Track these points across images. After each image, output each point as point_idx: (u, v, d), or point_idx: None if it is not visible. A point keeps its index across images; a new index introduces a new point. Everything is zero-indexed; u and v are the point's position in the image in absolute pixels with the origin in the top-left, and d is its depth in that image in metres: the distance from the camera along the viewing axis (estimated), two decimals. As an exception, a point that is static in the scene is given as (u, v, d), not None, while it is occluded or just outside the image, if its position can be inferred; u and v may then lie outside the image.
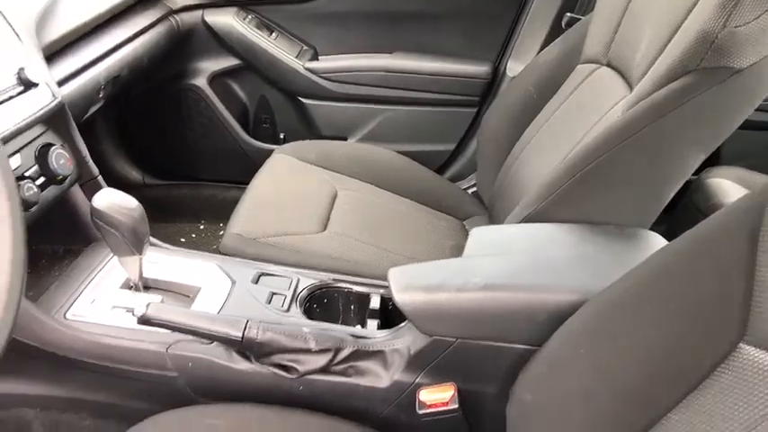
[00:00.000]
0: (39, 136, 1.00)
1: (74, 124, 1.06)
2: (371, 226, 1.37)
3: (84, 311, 0.95)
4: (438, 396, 0.84)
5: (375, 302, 1.09)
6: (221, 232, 1.95)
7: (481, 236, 0.97)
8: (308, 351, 0.89)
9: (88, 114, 1.34)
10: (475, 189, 1.74)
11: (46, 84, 0.99)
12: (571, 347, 0.71)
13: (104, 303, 0.97)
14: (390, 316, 1.08)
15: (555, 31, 1.61)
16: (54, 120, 1.03)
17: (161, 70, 1.74)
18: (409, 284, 0.87)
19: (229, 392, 0.91)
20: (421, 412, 0.84)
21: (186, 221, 1.98)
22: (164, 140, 1.93)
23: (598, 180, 0.96)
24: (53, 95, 1.00)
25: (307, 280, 1.10)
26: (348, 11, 1.80)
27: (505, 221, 1.10)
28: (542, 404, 0.72)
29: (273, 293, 1.04)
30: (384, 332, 0.96)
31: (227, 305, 1.00)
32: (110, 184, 1.02)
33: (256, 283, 1.06)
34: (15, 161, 0.94)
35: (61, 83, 1.13)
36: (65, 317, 0.94)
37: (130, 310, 0.95)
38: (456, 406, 0.84)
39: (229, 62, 1.83)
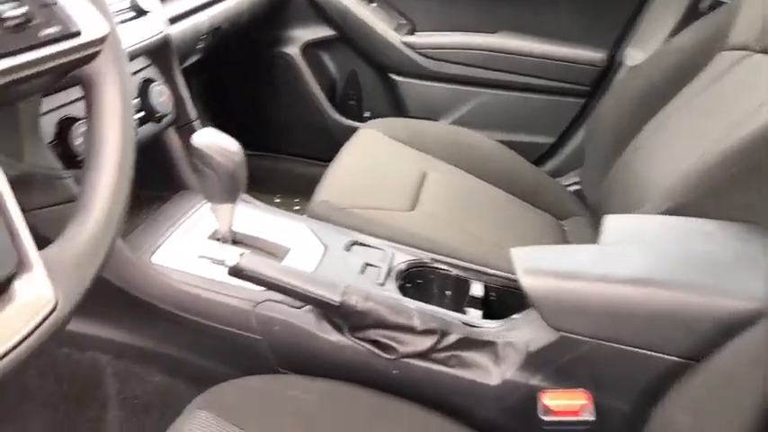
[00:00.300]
0: (142, 69, 0.94)
1: (177, 63, 1.00)
2: (462, 211, 1.27)
3: (169, 258, 0.89)
4: (566, 403, 0.72)
5: (477, 290, 0.98)
6: (296, 207, 1.90)
7: (619, 224, 0.84)
8: (410, 330, 0.79)
9: (184, 65, 1.29)
10: (576, 187, 1.60)
11: (156, 15, 0.93)
12: (751, 368, 0.58)
13: (191, 252, 0.90)
14: (492, 308, 0.97)
15: (690, 15, 1.46)
16: (159, 54, 0.97)
17: (257, 33, 1.69)
18: (538, 267, 0.75)
19: (315, 365, 0.82)
20: (546, 419, 0.72)
21: (262, 192, 1.91)
22: (248, 108, 1.88)
23: (759, 177, 0.83)
24: (161, 28, 0.94)
25: (403, 255, 1.00)
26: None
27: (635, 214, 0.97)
28: (704, 430, 0.60)
29: (367, 264, 0.94)
30: (495, 322, 0.85)
31: (318, 269, 0.91)
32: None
33: (348, 250, 0.97)
34: (117, 90, 0.88)
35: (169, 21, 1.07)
36: (150, 260, 0.87)
37: (218, 262, 0.87)
38: (591, 418, 0.71)
39: (324, 32, 1.76)
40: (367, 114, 1.85)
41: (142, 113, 0.92)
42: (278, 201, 1.91)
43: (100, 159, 0.51)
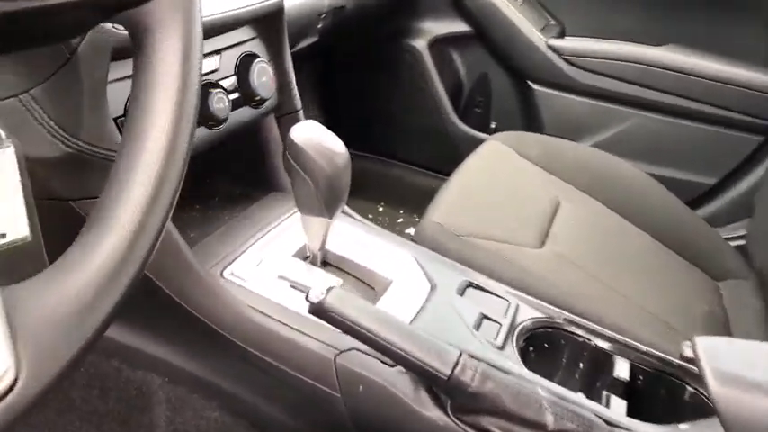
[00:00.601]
0: (245, 41, 0.79)
1: (287, 40, 0.84)
2: (601, 256, 1.05)
3: (244, 273, 0.72)
4: None
5: (622, 370, 0.74)
6: (400, 220, 1.71)
7: None
8: (539, 427, 0.57)
9: (297, 47, 1.14)
10: (739, 242, 1.29)
11: None
12: None
13: (271, 270, 0.73)
14: (638, 397, 0.73)
15: None
16: (268, 26, 0.81)
17: (382, 20, 1.52)
18: (735, 374, 0.51)
19: (402, 443, 0.62)
20: None
21: (364, 199, 1.75)
22: (361, 103, 1.72)
23: None
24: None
25: (529, 309, 0.77)
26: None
27: None
28: None
29: (484, 317, 0.73)
30: (653, 428, 0.61)
31: (422, 315, 0.71)
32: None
33: (462, 294, 0.76)
34: (212, 63, 0.73)
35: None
36: (221, 274, 0.71)
37: (301, 288, 0.70)
38: None
39: (457, 27, 1.56)
40: (494, 125, 1.63)
41: (237, 94, 0.77)
42: (381, 210, 1.73)
43: (132, 159, 0.34)
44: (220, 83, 0.74)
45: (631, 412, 0.67)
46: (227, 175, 0.91)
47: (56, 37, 0.45)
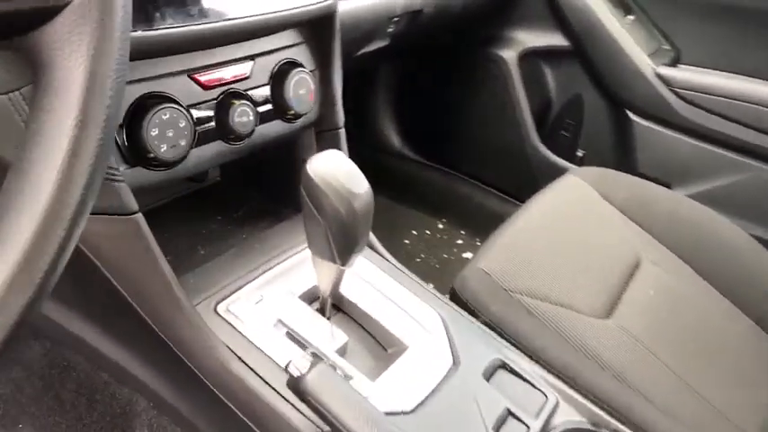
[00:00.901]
0: (286, 47, 0.69)
1: (337, 47, 0.74)
2: (680, 339, 0.89)
3: (241, 311, 0.63)
4: None
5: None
6: (459, 241, 1.59)
7: None
8: None
9: (362, 51, 1.03)
10: None
11: None
12: None
13: (270, 311, 0.64)
14: None
15: None
16: (315, 30, 0.71)
17: (467, 27, 1.38)
18: None
19: None
20: None
21: (426, 213, 1.64)
22: (438, 112, 1.60)
23: None
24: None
25: (569, 409, 0.64)
26: (753, 5, 1.21)
27: None
28: None
29: (510, 413, 0.60)
30: None
31: (431, 400, 0.59)
32: (360, 144, 0.68)
33: (489, 379, 0.63)
34: (243, 69, 0.64)
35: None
36: (215, 309, 0.63)
37: (297, 341, 0.60)
38: None
39: (554, 40, 1.39)
40: (581, 154, 1.45)
41: (269, 106, 0.68)
42: (441, 227, 1.61)
43: (16, 200, 0.26)
44: (250, 93, 0.65)
45: None
46: (257, 187, 0.83)
47: None
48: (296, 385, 0.48)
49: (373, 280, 0.71)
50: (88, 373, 0.74)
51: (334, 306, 0.69)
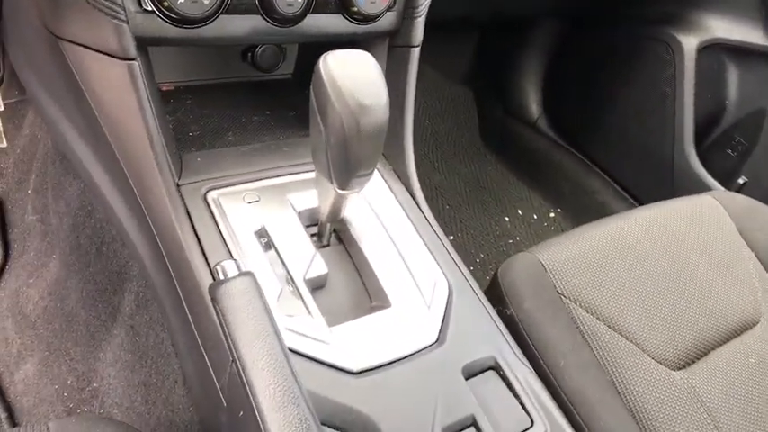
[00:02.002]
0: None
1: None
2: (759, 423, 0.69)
3: (228, 205, 0.58)
4: None
5: None
6: (547, 225, 1.41)
7: None
8: None
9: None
10: None
11: None
12: None
13: (259, 215, 0.58)
14: None
15: None
16: None
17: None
18: None
19: None
20: None
21: (542, 196, 1.47)
22: (585, 92, 1.40)
23: None
24: None
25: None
26: None
27: None
28: None
29: (474, 423, 0.48)
30: None
31: (390, 370, 0.50)
32: (494, 102, 0.57)
33: (469, 377, 0.52)
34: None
35: None
36: (204, 195, 0.58)
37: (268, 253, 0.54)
38: None
39: (753, 36, 1.14)
40: (741, 181, 1.19)
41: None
42: (552, 216, 1.44)
43: None
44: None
45: None
46: (301, 88, 0.75)
47: None
48: (212, 289, 0.42)
49: (391, 221, 0.61)
50: (102, 224, 0.75)
51: (336, 235, 0.61)
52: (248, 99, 0.75)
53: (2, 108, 0.84)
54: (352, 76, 0.46)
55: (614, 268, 0.72)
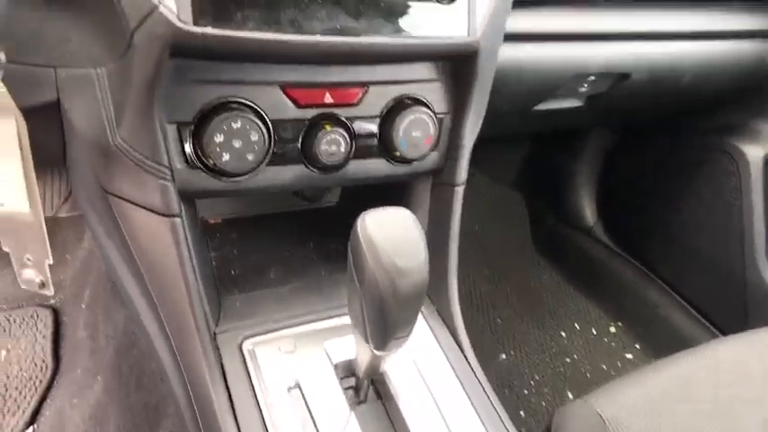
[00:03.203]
0: (412, 82, 0.60)
1: (479, 94, 0.62)
2: None
3: (263, 357, 0.56)
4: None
5: None
6: (629, 355, 1.30)
7: None
8: None
9: (546, 107, 0.89)
10: None
11: (461, 7, 0.56)
12: None
13: (295, 369, 0.56)
14: None
15: None
16: (453, 68, 0.61)
17: (699, 107, 1.13)
18: None
19: None
20: None
21: (600, 308, 1.39)
22: (644, 200, 1.35)
23: None
24: (471, 32, 0.57)
25: None
26: None
27: None
28: None
29: None
30: None
31: None
32: (547, 209, 0.55)
33: None
34: (350, 94, 0.57)
35: (514, 38, 0.69)
36: (240, 344, 0.56)
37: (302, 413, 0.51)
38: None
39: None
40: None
41: (374, 141, 0.59)
42: (613, 331, 1.35)
43: None
44: (352, 122, 0.58)
45: None
46: (345, 216, 0.75)
47: None
48: None
49: (434, 374, 0.58)
50: (144, 355, 0.74)
51: (374, 388, 0.57)
52: (292, 229, 0.75)
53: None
54: (390, 236, 0.45)
55: (686, 424, 0.65)
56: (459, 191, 0.65)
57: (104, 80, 0.49)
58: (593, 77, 0.84)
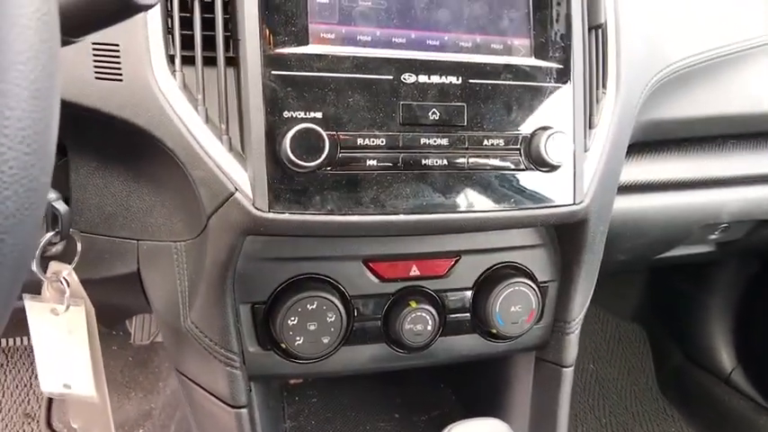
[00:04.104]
0: (509, 249, 0.53)
1: (591, 259, 0.54)
2: None
3: None
4: None
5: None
6: None
7: None
8: None
9: (668, 255, 0.78)
10: None
11: (567, 174, 0.49)
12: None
13: None
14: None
15: None
16: (559, 233, 0.54)
17: None
18: None
19: None
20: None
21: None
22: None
23: None
24: (578, 197, 0.50)
25: None
26: None
27: None
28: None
29: None
30: None
31: None
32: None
33: None
34: (438, 265, 0.51)
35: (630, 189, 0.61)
36: None
37: None
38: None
39: None
40: None
41: (466, 316, 0.53)
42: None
43: None
44: (440, 295, 0.51)
45: None
46: (455, 388, 0.66)
47: None
48: None
49: None
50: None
51: None
52: (377, 395, 0.68)
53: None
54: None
55: None
56: (569, 373, 0.55)
57: (182, 254, 0.47)
58: (723, 225, 0.73)
